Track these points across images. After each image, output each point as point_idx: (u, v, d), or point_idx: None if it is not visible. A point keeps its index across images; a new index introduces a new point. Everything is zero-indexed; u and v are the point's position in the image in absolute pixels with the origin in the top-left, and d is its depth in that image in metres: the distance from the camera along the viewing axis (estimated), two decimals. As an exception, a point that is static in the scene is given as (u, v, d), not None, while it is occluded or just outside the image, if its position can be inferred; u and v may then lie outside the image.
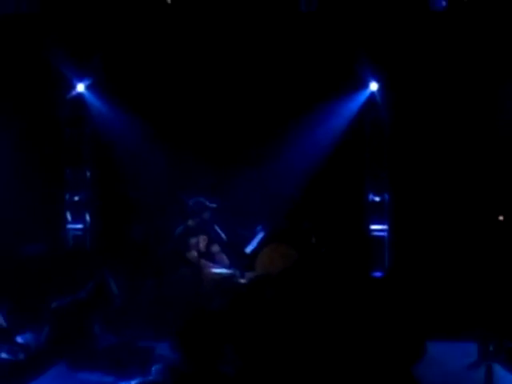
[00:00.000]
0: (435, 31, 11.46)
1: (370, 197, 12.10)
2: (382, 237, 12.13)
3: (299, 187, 11.30)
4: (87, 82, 12.08)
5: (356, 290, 10.55)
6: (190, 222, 9.87)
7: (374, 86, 11.99)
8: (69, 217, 12.22)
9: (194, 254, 9.70)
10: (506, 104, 11.02)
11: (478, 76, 11.32)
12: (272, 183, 11.28)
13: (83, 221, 12.20)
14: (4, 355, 6.40)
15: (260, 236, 10.12)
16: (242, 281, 9.49)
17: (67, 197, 12.22)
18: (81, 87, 12.12)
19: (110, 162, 11.99)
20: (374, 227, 12.10)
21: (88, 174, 12.27)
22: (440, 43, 11.44)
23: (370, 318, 8.41)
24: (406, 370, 6.07)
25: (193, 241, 9.72)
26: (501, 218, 11.85)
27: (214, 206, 9.83)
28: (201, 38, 11.82)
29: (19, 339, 6.59)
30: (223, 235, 10.00)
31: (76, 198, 12.21)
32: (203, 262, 9.63)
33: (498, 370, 7.37)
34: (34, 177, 11.75)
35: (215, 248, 9.88)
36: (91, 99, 12.14)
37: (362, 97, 12.00)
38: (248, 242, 10.13)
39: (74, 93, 12.11)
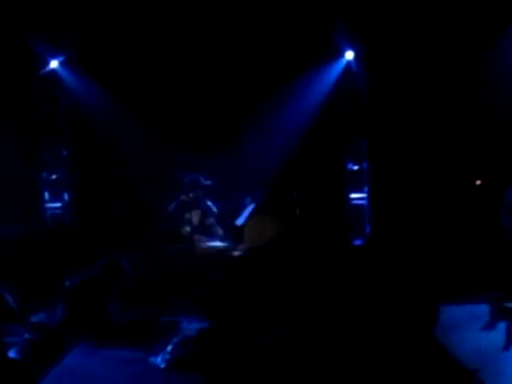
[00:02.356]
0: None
1: (349, 165, 12.17)
2: (362, 205, 12.22)
3: (281, 159, 11.32)
4: (61, 59, 11.87)
5: (339, 258, 10.73)
6: (183, 197, 9.84)
7: (349, 55, 12.01)
8: (47, 196, 12.05)
9: (187, 229, 9.69)
10: (486, 71, 11.09)
11: (457, 44, 11.36)
12: (254, 156, 11.27)
13: (61, 200, 12.05)
14: (21, 336, 6.35)
15: (250, 208, 10.14)
16: (236, 253, 9.53)
17: (44, 176, 12.04)
18: (54, 64, 11.91)
19: (88, 140, 11.85)
20: (353, 196, 12.18)
21: (65, 152, 12.08)
22: (416, 10, 11.48)
23: (367, 286, 8.58)
24: (428, 334, 6.21)
25: (186, 216, 9.71)
26: (478, 182, 12.06)
27: (209, 183, 9.81)
28: (173, 10, 11.70)
29: (33, 319, 6.55)
30: (215, 209, 10.00)
31: (53, 177, 12.04)
32: (196, 236, 9.64)
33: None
34: (9, 156, 11.55)
35: (210, 221, 9.89)
36: (65, 76, 11.94)
37: (338, 66, 12.02)
38: (238, 214, 10.15)
39: (47, 69, 11.89)
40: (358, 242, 12.15)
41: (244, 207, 10.26)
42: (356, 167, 12.19)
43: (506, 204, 9.91)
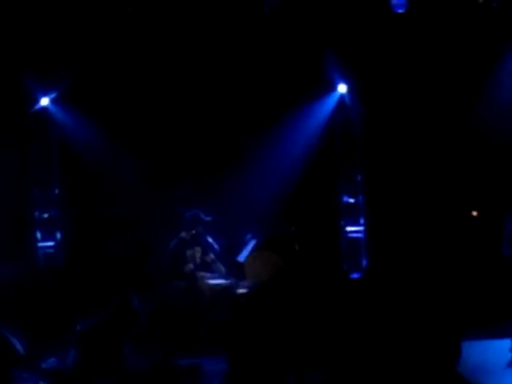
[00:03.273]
0: (399, 30, 11.53)
1: (345, 199, 12.12)
2: (358, 238, 12.16)
3: (277, 194, 11.25)
4: (52, 96, 11.73)
5: (338, 293, 10.62)
6: (184, 234, 9.71)
7: (342, 88, 12.01)
8: (39, 235, 11.85)
9: (190, 266, 9.56)
10: (477, 104, 11.17)
11: (447, 75, 11.43)
12: (251, 192, 11.20)
13: (54, 238, 11.84)
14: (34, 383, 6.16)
15: (252, 244, 10.04)
16: (240, 290, 9.40)
17: (36, 214, 11.84)
18: (45, 101, 11.77)
19: (81, 177, 11.70)
20: (349, 229, 12.12)
21: (57, 190, 11.90)
22: (405, 42, 11.52)
23: (369, 320, 8.44)
24: (451, 370, 6.09)
25: (188, 253, 9.58)
26: (474, 213, 12.04)
27: (209, 218, 9.69)
28: (165, 46, 11.63)
29: (44, 365, 6.34)
30: (216, 245, 9.87)
31: (45, 216, 11.84)
32: (200, 273, 9.52)
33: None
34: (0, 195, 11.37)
35: (210, 257, 9.76)
36: (56, 113, 11.80)
37: (332, 100, 12.00)
38: (239, 251, 10.05)
39: (38, 107, 11.75)
40: (355, 276, 12.06)
41: (245, 243, 10.15)
42: (352, 200, 12.14)
43: (506, 234, 9.88)
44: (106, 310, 6.36)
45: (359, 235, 12.15)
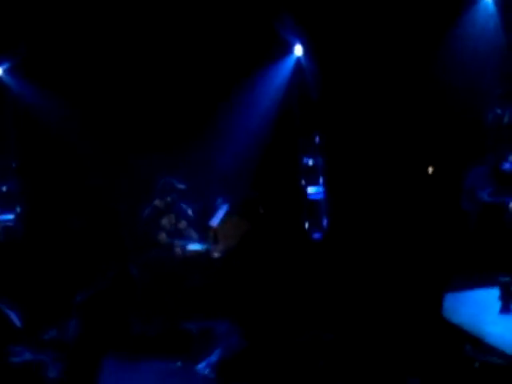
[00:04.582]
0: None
1: (304, 160, 12.24)
2: (318, 199, 12.31)
3: (241, 159, 11.30)
4: (5, 66, 11.47)
5: (301, 253, 10.83)
6: (158, 203, 9.68)
7: (298, 50, 12.05)
8: (-3, 208, 11.65)
9: (164, 235, 9.55)
10: (436, 57, 11.28)
11: (406, 29, 11.46)
12: (215, 158, 11.23)
13: (13, 212, 11.65)
14: (36, 356, 6.11)
15: (224, 208, 10.09)
16: (215, 255, 9.47)
17: (-6, 187, 11.64)
18: (-1, 71, 11.52)
19: (39, 148, 11.50)
20: (310, 190, 12.25)
21: (14, 162, 11.69)
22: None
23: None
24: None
25: (162, 221, 9.56)
26: (430, 169, 12.30)
27: (183, 186, 9.67)
28: (124, 11, 11.46)
29: (46, 337, 6.29)
30: (190, 212, 9.88)
31: (4, 189, 11.63)
32: (176, 241, 9.53)
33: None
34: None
35: (182, 224, 9.76)
36: (10, 83, 11.54)
37: (289, 62, 12.05)
38: (211, 216, 10.09)
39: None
40: (316, 236, 12.24)
41: (216, 208, 10.20)
42: (311, 162, 12.25)
43: (466, 189, 10.14)
44: (104, 279, 6.35)
45: (319, 196, 12.29)
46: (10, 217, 11.66)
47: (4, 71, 11.55)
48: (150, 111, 11.48)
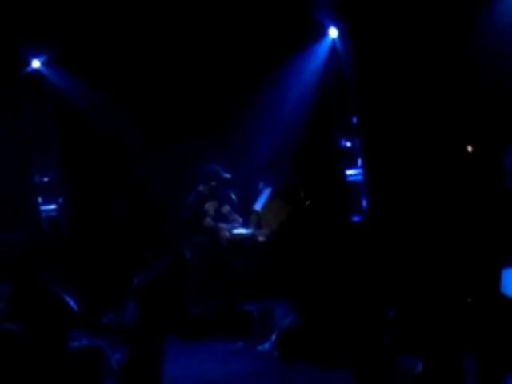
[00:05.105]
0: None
1: (342, 143, 12.24)
2: (357, 181, 12.32)
3: (280, 143, 11.34)
4: (43, 58, 11.58)
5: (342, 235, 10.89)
6: (201, 188, 9.75)
7: (333, 33, 12.03)
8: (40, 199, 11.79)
9: (209, 220, 9.62)
10: (473, 41, 11.24)
11: (442, 18, 11.44)
12: (254, 142, 11.28)
13: (56, 202, 11.79)
14: (93, 341, 6.21)
15: (267, 192, 10.15)
16: (261, 239, 9.54)
17: (37, 179, 11.77)
18: (36, 63, 11.61)
19: (80, 139, 11.62)
20: (348, 172, 12.27)
21: (55, 153, 11.82)
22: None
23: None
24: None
25: (206, 207, 9.64)
26: (470, 149, 12.26)
27: (229, 176, 9.74)
28: (157, 7, 11.52)
29: (104, 321, 6.38)
30: (233, 196, 9.95)
31: (46, 179, 11.78)
32: (221, 225, 9.61)
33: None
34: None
35: (225, 209, 9.84)
36: (50, 75, 11.66)
37: (324, 45, 12.04)
38: (254, 200, 10.16)
39: (29, 69, 11.58)
40: (356, 218, 12.26)
41: (259, 192, 10.26)
42: (349, 144, 12.26)
43: (507, 167, 10.10)
44: (160, 263, 6.41)
45: (358, 178, 12.30)
46: (53, 206, 11.81)
47: (42, 63, 11.64)
48: (191, 99, 11.54)
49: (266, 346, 5.53)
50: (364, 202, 12.32)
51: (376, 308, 5.78)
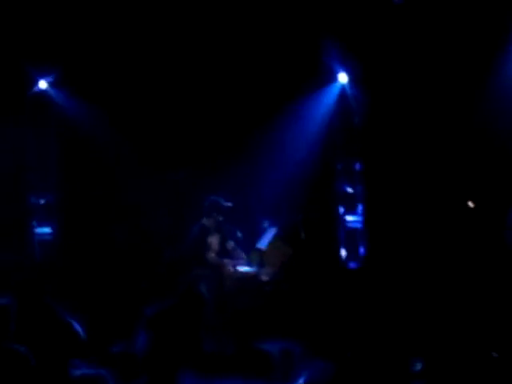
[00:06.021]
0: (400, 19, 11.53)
1: (344, 188, 12.17)
2: (356, 227, 12.22)
3: (282, 184, 11.26)
4: (50, 79, 11.45)
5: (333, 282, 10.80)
6: (205, 221, 9.60)
7: (343, 78, 12.02)
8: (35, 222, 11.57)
9: (213, 254, 9.46)
10: (481, 93, 11.25)
11: (450, 64, 11.45)
12: (257, 182, 11.21)
13: (51, 225, 11.57)
14: (97, 370, 5.96)
15: (272, 231, 10.04)
16: (264, 278, 9.39)
17: (32, 200, 11.56)
18: (43, 84, 11.48)
19: (80, 162, 11.46)
20: (348, 218, 12.17)
21: (54, 175, 11.64)
22: (407, 31, 11.53)
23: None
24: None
25: (210, 240, 9.48)
26: (470, 204, 12.22)
27: (230, 204, 9.61)
28: (165, 32, 11.46)
29: (114, 350, 6.15)
30: (239, 234, 9.81)
31: (42, 202, 11.57)
32: (225, 260, 9.45)
33: None
34: None
35: (230, 244, 9.69)
36: (55, 96, 11.52)
37: (333, 90, 12.02)
38: (258, 238, 10.03)
39: (35, 90, 11.44)
40: (352, 265, 12.15)
41: (264, 231, 10.14)
42: (350, 189, 12.19)
43: (510, 226, 10.07)
44: (173, 295, 6.24)
45: (357, 225, 12.20)
46: (48, 230, 11.59)
47: (48, 84, 11.51)
48: (195, 130, 11.45)
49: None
50: (361, 249, 12.21)
51: (401, 359, 5.64)
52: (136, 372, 5.84)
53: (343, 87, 12.07)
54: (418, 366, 5.29)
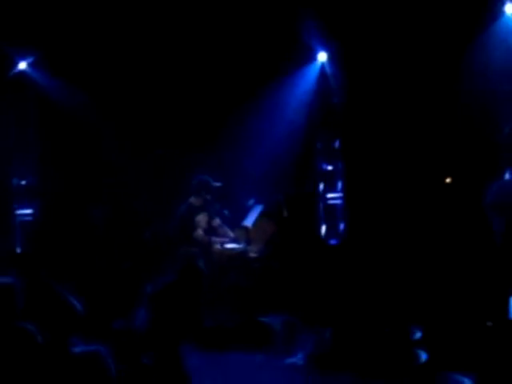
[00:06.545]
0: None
1: (324, 166, 12.28)
2: (336, 204, 12.35)
3: (266, 162, 11.34)
4: (29, 60, 11.38)
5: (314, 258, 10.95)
6: (193, 200, 9.66)
7: (322, 57, 12.10)
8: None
9: (200, 232, 9.52)
10: (460, 69, 11.36)
11: (431, 41, 11.52)
12: (240, 161, 11.28)
13: (33, 206, 11.55)
14: (97, 346, 6.01)
15: (258, 209, 10.13)
16: (252, 255, 9.49)
17: (14, 182, 11.53)
18: (23, 65, 11.41)
19: (62, 144, 11.42)
20: (329, 195, 12.29)
21: (35, 157, 11.60)
22: (388, 11, 11.60)
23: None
24: None
25: (198, 219, 9.54)
26: (448, 180, 12.42)
27: (219, 184, 9.67)
28: (147, 12, 11.44)
29: (114, 326, 6.21)
30: (225, 211, 9.89)
31: (23, 183, 11.54)
32: (213, 238, 9.52)
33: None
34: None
35: (216, 222, 9.76)
36: (35, 77, 11.45)
37: (313, 69, 12.10)
38: (244, 216, 10.12)
39: (15, 71, 11.37)
40: (332, 242, 12.29)
41: (249, 208, 10.23)
42: (330, 167, 12.31)
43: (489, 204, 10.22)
44: (173, 271, 6.32)
45: (337, 201, 12.33)
46: (29, 211, 11.57)
47: (28, 65, 11.45)
48: (179, 111, 11.47)
49: (294, 359, 5.46)
50: (341, 226, 12.35)
51: (398, 328, 5.78)
52: (136, 348, 5.90)
53: (322, 66, 12.15)
54: (418, 335, 5.43)
